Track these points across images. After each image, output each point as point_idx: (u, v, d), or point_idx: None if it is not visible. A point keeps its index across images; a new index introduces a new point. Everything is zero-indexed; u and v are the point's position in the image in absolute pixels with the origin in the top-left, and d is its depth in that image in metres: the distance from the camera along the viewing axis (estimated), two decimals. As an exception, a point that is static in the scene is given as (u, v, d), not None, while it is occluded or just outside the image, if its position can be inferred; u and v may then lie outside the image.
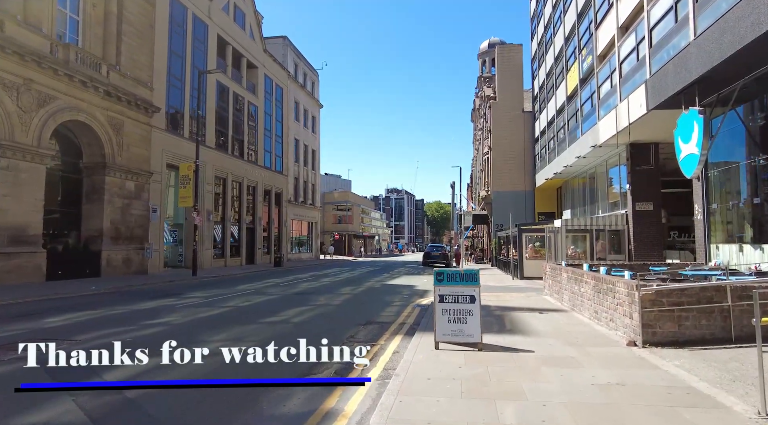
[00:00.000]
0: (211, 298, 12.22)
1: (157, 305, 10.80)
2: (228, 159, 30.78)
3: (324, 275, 23.10)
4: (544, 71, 28.48)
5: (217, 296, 12.59)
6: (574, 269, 9.72)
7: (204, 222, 27.79)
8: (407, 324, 8.44)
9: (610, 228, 17.75)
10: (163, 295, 12.86)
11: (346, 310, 9.91)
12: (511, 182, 33.00)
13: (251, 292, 13.83)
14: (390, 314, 9.44)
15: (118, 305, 10.79)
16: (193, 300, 11.65)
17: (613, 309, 7.17)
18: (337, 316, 9.00)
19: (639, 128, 14.55)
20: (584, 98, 19.96)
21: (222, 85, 30.51)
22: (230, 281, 19.31)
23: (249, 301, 11.54)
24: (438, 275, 6.35)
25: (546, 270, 12.98)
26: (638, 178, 16.94)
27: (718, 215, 12.10)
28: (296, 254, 43.23)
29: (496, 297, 12.57)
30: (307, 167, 46.21)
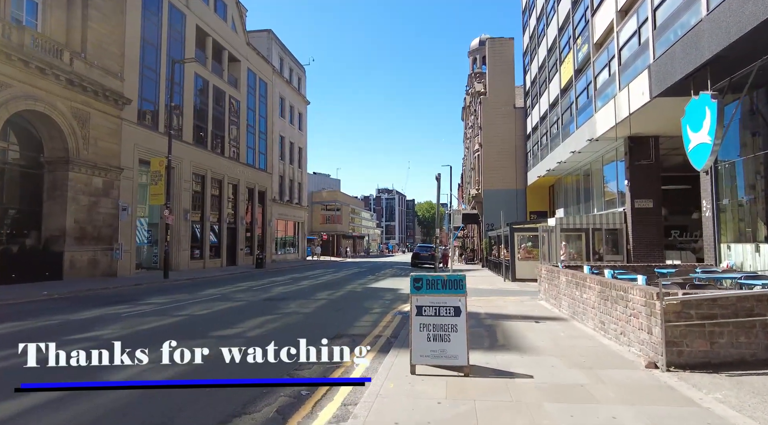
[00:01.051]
0: (167, 305, 10.94)
1: (101, 313, 9.50)
2: (207, 155, 29.37)
3: (305, 277, 21.83)
4: (537, 65, 27.45)
5: (175, 303, 11.31)
6: (574, 272, 8.58)
7: (180, 221, 26.44)
8: (383, 337, 7.24)
9: (607, 227, 16.70)
10: (117, 301, 11.55)
11: (316, 319, 8.70)
12: (503, 181, 31.96)
13: (217, 297, 12.56)
14: (366, 324, 8.25)
15: (57, 314, 9.47)
16: (145, 308, 10.37)
17: (624, 321, 6.03)
18: (304, 328, 7.78)
19: (640, 118, 13.50)
20: (579, 90, 18.92)
21: (201, 77, 29.11)
22: (202, 284, 18.00)
23: (209, 309, 10.27)
24: (415, 281, 5.16)
25: (541, 273, 11.85)
26: (637, 173, 15.91)
27: (729, 212, 11.06)
28: (281, 255, 41.86)
29: (487, 302, 11.42)
30: (293, 166, 44.84)
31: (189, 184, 27.45)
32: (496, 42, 33.01)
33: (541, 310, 10.02)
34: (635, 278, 8.36)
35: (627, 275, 8.56)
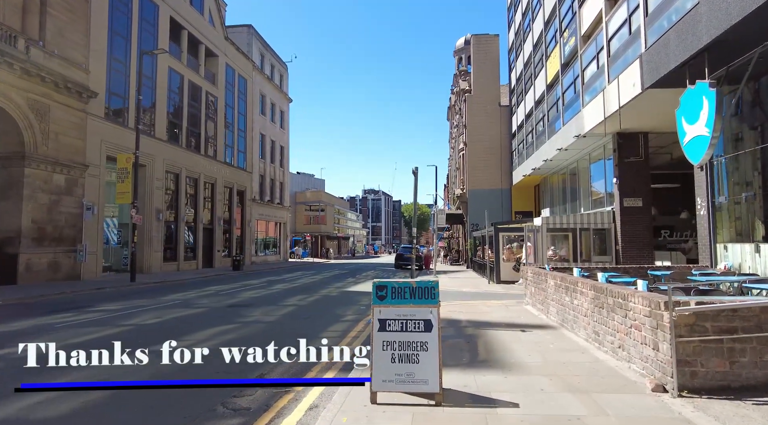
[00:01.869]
0: (118, 312, 9.89)
1: (34, 324, 8.44)
2: (182, 153, 28.16)
3: (281, 280, 20.82)
4: (522, 61, 26.83)
5: (128, 310, 10.27)
6: (563, 275, 7.78)
7: (152, 222, 25.23)
8: (349, 351, 6.33)
9: (595, 227, 16.03)
10: (65, 309, 10.46)
11: (277, 330, 7.76)
12: (488, 180, 31.28)
13: (177, 304, 11.53)
14: (333, 335, 7.35)
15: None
16: (91, 316, 9.32)
17: (623, 333, 5.22)
18: (261, 341, 6.83)
19: (630, 112, 12.82)
20: (566, 85, 18.26)
21: (176, 72, 27.90)
22: (169, 288, 16.91)
23: (160, 317, 9.25)
24: (378, 289, 4.29)
25: (527, 275, 11.06)
26: (626, 171, 15.27)
27: (726, 210, 10.40)
28: (262, 256, 40.67)
29: (469, 308, 10.60)
30: (275, 164, 43.68)
31: (162, 182, 26.24)
32: (481, 39, 32.36)
33: (527, 317, 9.22)
34: (630, 282, 7.59)
35: (621, 279, 7.79)
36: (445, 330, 7.74)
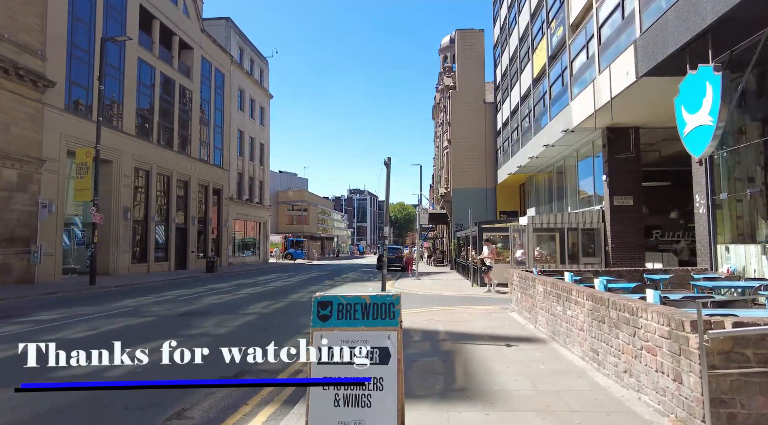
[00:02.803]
0: (49, 324, 8.66)
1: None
2: (153, 149, 26.75)
3: (252, 283, 19.62)
4: (508, 56, 26.01)
5: (64, 321, 9.04)
6: (554, 281, 6.82)
7: (119, 221, 23.81)
8: (302, 374, 5.28)
9: (583, 226, 15.20)
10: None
11: (228, 344, 6.68)
12: (472, 179, 30.43)
13: (126, 312, 10.32)
14: (288, 356, 6.29)
15: None
16: (9, 330, 8.07)
17: (631, 355, 4.25)
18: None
19: (621, 105, 11.99)
20: (553, 77, 17.43)
21: (146, 63, 26.46)
22: (129, 292, 15.63)
23: (94, 330, 8.04)
24: (320, 306, 3.24)
25: (513, 279, 10.11)
26: (617, 168, 14.47)
27: (727, 208, 9.58)
28: (240, 257, 39.29)
29: (449, 315, 9.62)
30: (254, 162, 42.30)
31: (130, 180, 24.83)
32: (465, 34, 31.50)
33: (512, 326, 8.26)
34: (629, 288, 6.68)
35: (618, 284, 6.86)
36: (419, 344, 6.73)
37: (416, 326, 8.24)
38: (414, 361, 5.64)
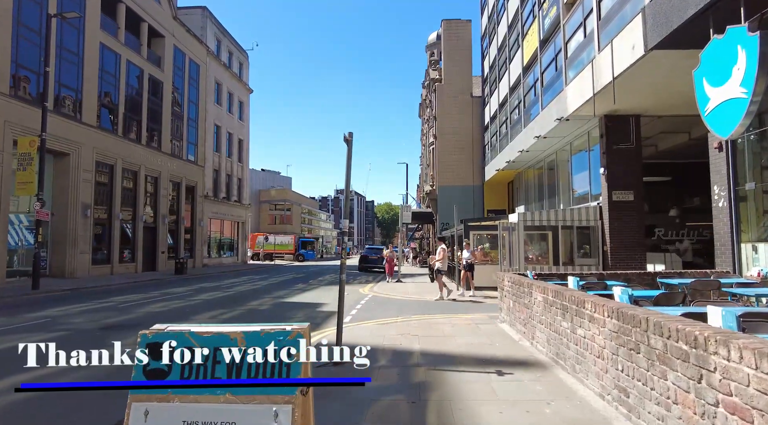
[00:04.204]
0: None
1: None
2: (118, 142, 24.85)
3: (216, 287, 17.92)
4: (496, 46, 24.65)
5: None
6: (558, 289, 5.32)
7: (77, 219, 21.93)
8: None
9: (579, 224, 13.81)
10: None
11: (123, 376, 5.15)
12: (459, 176, 29.01)
13: (39, 324, 8.61)
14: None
15: None
16: None
17: (695, 411, 2.75)
18: (77, 399, 4.19)
19: (624, 87, 10.62)
20: (546, 63, 16.06)
21: (109, 49, 24.56)
22: (70, 298, 13.88)
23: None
24: (151, 351, 1.69)
25: (503, 284, 8.62)
26: (616, 160, 13.11)
27: (752, 201, 8.21)
28: (216, 258, 37.39)
29: (429, 328, 8.10)
30: (232, 159, 40.43)
31: (91, 174, 22.91)
32: (452, 24, 30.09)
33: (504, 343, 6.76)
34: (652, 296, 5.21)
35: (641, 292, 5.38)
36: (385, 373, 5.18)
37: (386, 343, 6.71)
38: (374, 401, 4.11)
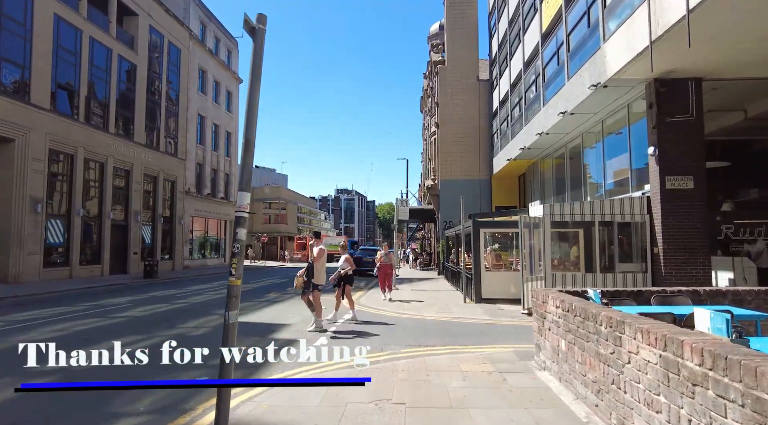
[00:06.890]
0: None
1: None
2: (78, 129, 21.96)
3: (170, 297, 14.97)
4: (507, 19, 21.64)
5: None
6: (686, 335, 2.33)
7: (25, 215, 19.05)
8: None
9: (621, 219, 10.79)
10: None
11: None
12: (463, 169, 25.98)
13: None
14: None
15: None
16: None
17: None
18: None
19: (693, 31, 7.58)
20: (573, 21, 13.05)
21: (68, 24, 21.65)
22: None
23: None
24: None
25: (545, 308, 5.57)
26: (670, 136, 10.10)
27: None
28: (199, 260, 34.47)
29: (424, 379, 5.12)
30: (218, 153, 37.51)
31: (43, 164, 20.00)
32: (456, 1, 27.08)
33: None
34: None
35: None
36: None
37: (347, 414, 3.74)
38: None
